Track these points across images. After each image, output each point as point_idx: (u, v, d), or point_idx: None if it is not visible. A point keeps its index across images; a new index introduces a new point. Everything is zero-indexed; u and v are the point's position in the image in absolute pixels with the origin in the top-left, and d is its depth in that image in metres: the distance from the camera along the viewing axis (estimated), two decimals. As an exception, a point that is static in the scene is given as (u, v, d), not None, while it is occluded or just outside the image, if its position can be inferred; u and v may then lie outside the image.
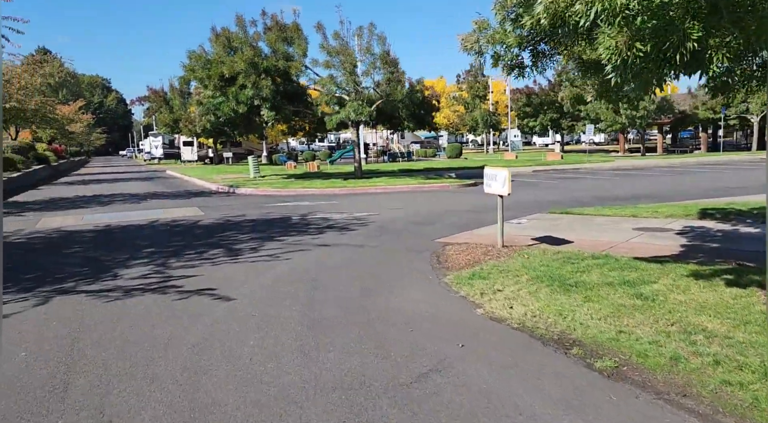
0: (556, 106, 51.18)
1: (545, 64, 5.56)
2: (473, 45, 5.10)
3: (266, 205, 15.52)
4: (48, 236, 11.01)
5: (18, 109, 27.83)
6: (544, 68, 5.56)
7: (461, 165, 31.53)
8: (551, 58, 5.60)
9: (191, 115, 42.27)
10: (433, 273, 7.10)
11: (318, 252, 8.68)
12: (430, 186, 19.47)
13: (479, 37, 5.06)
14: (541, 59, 5.50)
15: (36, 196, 20.69)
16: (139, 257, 8.63)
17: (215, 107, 20.15)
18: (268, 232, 10.66)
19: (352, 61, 18.71)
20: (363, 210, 13.66)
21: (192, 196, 19.33)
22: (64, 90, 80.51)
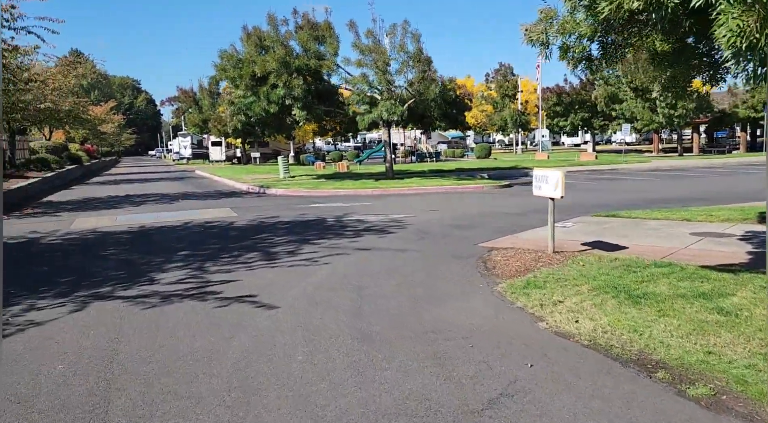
0: (588, 106, 50.14)
1: (615, 57, 5.12)
2: (539, 36, 4.68)
3: (299, 206, 15.27)
4: (83, 237, 10.91)
5: (52, 110, 28.20)
6: (614, 61, 5.12)
7: (492, 165, 30.94)
8: (621, 50, 5.16)
9: (221, 115, 42.48)
10: (483, 281, 6.70)
11: (358, 256, 8.34)
12: (464, 187, 19.01)
13: (546, 27, 4.64)
14: (611, 52, 5.05)
15: (69, 196, 20.84)
16: (175, 260, 8.41)
17: (246, 107, 20.01)
18: (303, 235, 10.37)
19: (384, 59, 18.36)
20: (398, 212, 13.30)
21: (223, 196, 19.21)
22: (96, 91, 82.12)
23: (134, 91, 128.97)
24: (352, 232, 10.60)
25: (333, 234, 10.40)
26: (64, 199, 19.58)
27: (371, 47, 18.58)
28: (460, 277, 6.95)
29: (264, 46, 19.70)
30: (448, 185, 19.19)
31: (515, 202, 14.88)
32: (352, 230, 10.79)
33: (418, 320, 5.30)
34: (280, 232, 10.79)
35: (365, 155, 46.42)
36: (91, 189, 24.81)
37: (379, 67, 18.36)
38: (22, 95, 18.87)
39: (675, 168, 28.02)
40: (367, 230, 10.75)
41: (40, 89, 26.00)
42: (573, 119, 50.34)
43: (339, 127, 22.39)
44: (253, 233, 10.79)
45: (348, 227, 11.19)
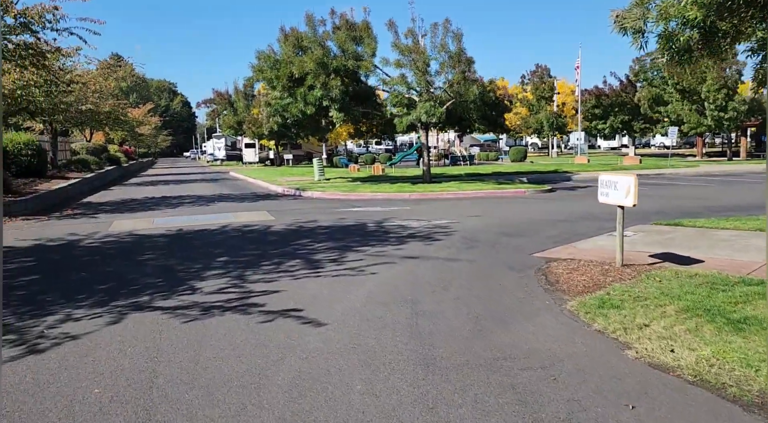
0: (628, 108, 48.63)
1: (719, 48, 4.48)
2: (634, 23, 4.09)
3: (337, 210, 14.84)
4: (120, 240, 10.67)
5: (93, 112, 28.54)
6: (719, 53, 4.49)
7: (529, 169, 30.07)
8: (725, 40, 4.52)
9: (255, 117, 42.57)
10: (548, 297, 6.10)
11: (406, 266, 7.83)
12: (504, 192, 18.33)
13: (644, 12, 4.05)
14: (715, 41, 4.42)
15: (108, 197, 20.89)
16: (214, 267, 8.03)
17: (283, 108, 19.72)
18: (345, 241, 9.91)
19: (424, 59, 17.82)
20: (441, 217, 12.74)
21: (259, 199, 18.95)
22: (134, 94, 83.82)
23: (170, 94, 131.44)
24: (396, 238, 10.09)
25: (376, 240, 9.91)
26: (103, 200, 19.61)
27: (411, 47, 18.06)
28: (522, 292, 6.36)
29: (302, 46, 19.38)
30: (487, 190, 18.53)
31: (561, 208, 14.16)
32: (396, 237, 10.28)
33: (485, 344, 4.74)
34: (321, 238, 10.34)
35: (398, 158, 45.90)
36: (129, 190, 24.93)
37: (419, 68, 17.82)
38: (65, 97, 18.95)
39: (727, 173, 26.70)
40: (411, 237, 10.22)
41: (82, 91, 26.32)
42: (612, 122, 48.87)
43: (375, 129, 21.84)
44: (293, 238, 10.38)
45: (391, 233, 10.68)
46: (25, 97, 16.39)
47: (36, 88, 16.19)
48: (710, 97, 28.65)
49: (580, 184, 22.08)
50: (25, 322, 5.59)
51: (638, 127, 48.57)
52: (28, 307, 6.09)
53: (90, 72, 27.96)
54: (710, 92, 28.61)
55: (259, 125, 42.19)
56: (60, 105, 19.28)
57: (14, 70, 14.80)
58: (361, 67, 18.97)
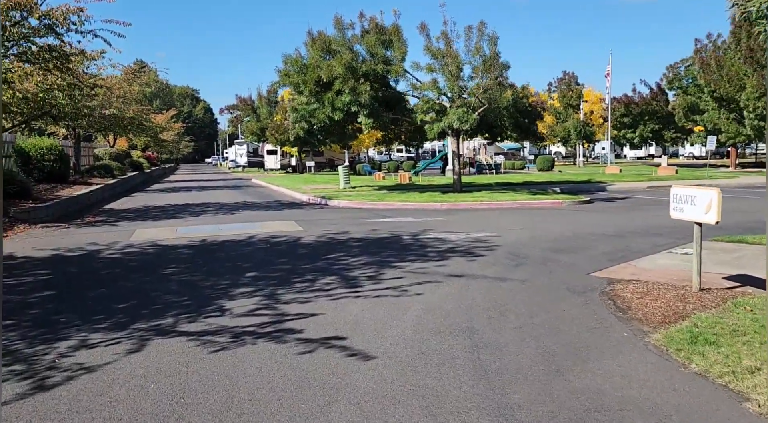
0: (658, 117, 47.38)
1: None
2: (763, 4, 3.35)
3: (367, 220, 14.17)
4: (143, 251, 10.12)
5: (117, 117, 28.39)
6: None
7: (561, 179, 29.14)
8: None
9: (278, 123, 42.27)
10: (624, 327, 5.33)
11: (452, 286, 7.10)
12: (540, 202, 17.50)
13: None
14: None
15: (130, 204, 20.53)
16: (243, 284, 7.40)
17: (309, 114, 19.17)
18: (381, 256, 9.22)
19: (458, 63, 17.13)
20: (479, 229, 11.99)
21: (284, 207, 18.38)
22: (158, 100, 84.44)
23: (193, 100, 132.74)
24: (436, 253, 9.37)
25: (414, 255, 9.20)
26: (125, 207, 19.23)
27: (444, 51, 17.39)
28: (592, 320, 5.60)
29: (330, 50, 18.84)
30: (522, 200, 17.72)
31: (605, 221, 13.32)
32: (435, 251, 9.56)
33: (567, 388, 4.00)
34: (354, 252, 9.67)
35: (422, 166, 45.14)
36: (151, 197, 24.59)
37: (452, 72, 17.14)
38: (88, 101, 18.64)
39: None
40: (452, 252, 9.50)
41: (106, 96, 26.15)
42: (642, 131, 47.63)
43: (404, 135, 21.17)
44: (325, 252, 9.72)
45: (429, 247, 9.96)
46: (48, 100, 16.06)
47: (59, 92, 15.85)
48: (750, 105, 27.48)
49: (617, 195, 21.14)
50: (36, 348, 4.99)
51: (669, 136, 47.26)
52: (40, 330, 5.50)
53: (114, 77, 27.84)
54: (750, 100, 27.45)
55: (282, 132, 41.92)
56: (83, 109, 18.96)
57: (37, 73, 14.44)
58: (390, 71, 18.36)
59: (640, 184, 24.91)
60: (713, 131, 32.08)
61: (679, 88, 35.27)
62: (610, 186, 24.35)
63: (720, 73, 28.87)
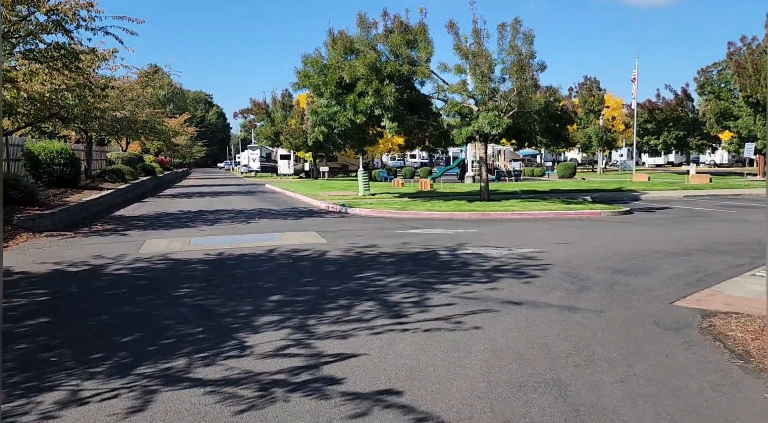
0: (683, 123, 45.94)
1: None
2: None
3: (395, 231, 13.09)
4: (152, 267, 9.11)
5: (129, 120, 27.62)
6: None
7: (588, 187, 27.91)
8: None
9: (293, 128, 41.42)
10: (759, 385, 4.20)
11: (514, 317, 6.00)
12: (577, 213, 16.32)
13: None
14: None
15: (141, 210, 19.62)
16: (266, 310, 6.34)
17: (330, 117, 18.17)
18: (420, 275, 8.13)
19: (489, 63, 16.05)
20: (521, 244, 10.86)
21: (302, 215, 17.36)
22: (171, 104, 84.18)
23: (206, 105, 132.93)
24: (481, 273, 8.26)
25: (457, 275, 8.10)
26: (136, 214, 18.31)
27: (474, 51, 16.31)
28: (709, 371, 4.47)
29: (353, 49, 17.84)
30: (556, 210, 16.55)
31: (658, 235, 12.14)
32: (480, 270, 8.45)
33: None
34: (389, 270, 8.58)
35: (439, 172, 44.06)
36: (164, 202, 23.70)
37: (483, 73, 16.05)
38: (99, 102, 17.74)
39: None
40: (499, 271, 8.39)
41: (118, 98, 25.37)
42: (666, 137, 46.19)
43: (427, 140, 20.10)
44: (355, 269, 8.65)
45: (471, 265, 8.86)
46: (56, 101, 15.17)
47: (68, 92, 14.96)
48: (790, 111, 26.11)
49: (654, 205, 19.90)
50: (14, 403, 3.95)
51: (694, 143, 45.81)
52: (23, 375, 4.47)
53: (127, 79, 27.11)
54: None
55: (297, 136, 41.07)
56: (94, 111, 18.04)
57: (43, 72, 13.54)
58: (416, 72, 17.30)
59: (675, 194, 23.63)
60: (747, 138, 30.71)
61: (710, 92, 33.88)
62: (644, 195, 23.10)
63: (757, 76, 27.53)
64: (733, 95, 32.59)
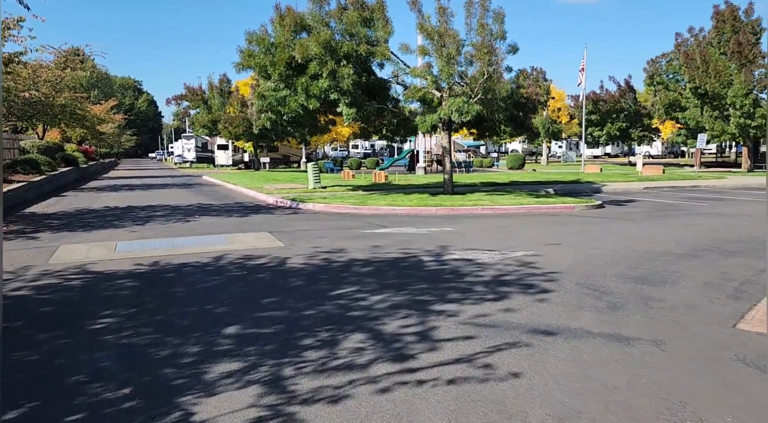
0: (625, 115, 46.60)
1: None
2: None
3: (360, 231, 11.48)
4: (64, 284, 7.12)
5: (44, 104, 24.50)
6: None
7: (547, 179, 27.25)
8: None
9: (232, 116, 38.81)
10: None
11: (556, 356, 4.58)
12: (550, 207, 15.25)
13: None
14: None
15: (58, 206, 17.06)
16: (222, 352, 4.63)
17: (278, 102, 16.27)
18: (410, 291, 6.59)
19: (456, 44, 14.62)
20: (510, 246, 9.53)
21: (249, 211, 15.43)
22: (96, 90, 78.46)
23: (135, 92, 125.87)
24: (482, 286, 6.82)
25: (455, 290, 6.62)
26: (51, 211, 15.81)
27: (440, 30, 14.84)
28: None
29: (304, 25, 15.98)
30: (528, 204, 15.42)
31: (650, 233, 11.14)
32: (479, 282, 7.00)
33: None
34: (370, 284, 6.99)
35: (388, 163, 42.70)
36: (86, 197, 21.02)
37: (450, 55, 14.63)
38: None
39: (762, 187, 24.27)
40: (502, 283, 6.97)
41: (30, 79, 22.33)
42: (609, 129, 46.71)
43: (385, 128, 18.53)
44: (328, 283, 7.00)
45: (467, 276, 7.40)
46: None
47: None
48: (737, 102, 26.33)
49: (618, 197, 19.21)
50: None
51: (636, 135, 46.55)
52: None
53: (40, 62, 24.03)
54: (737, 97, 26.31)
55: (237, 125, 38.51)
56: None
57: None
58: (375, 53, 15.67)
59: (634, 185, 23.21)
60: (695, 129, 31.01)
61: (659, 83, 34.12)
62: (604, 187, 22.53)
63: (705, 68, 27.66)
64: (680, 86, 32.90)
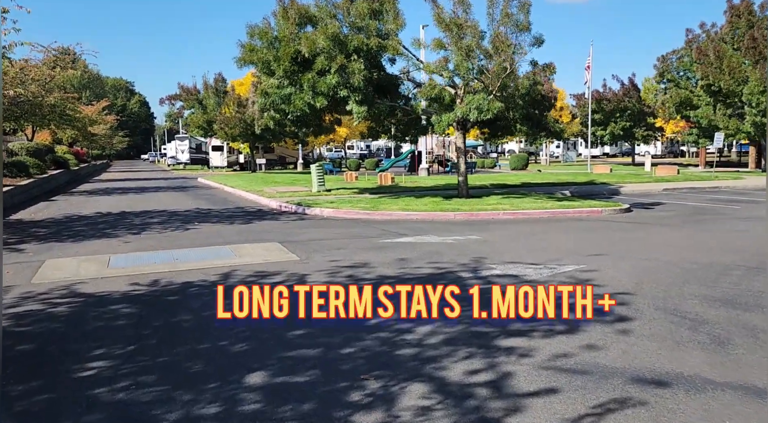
0: (629, 114, 45.74)
1: None
2: None
3: (379, 240, 10.41)
4: (48, 312, 6.02)
5: (32, 104, 23.29)
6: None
7: (559, 180, 26.26)
8: None
9: (227, 116, 37.64)
10: None
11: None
12: (575, 211, 14.25)
13: None
14: None
15: (47, 212, 15.90)
16: (252, 417, 3.56)
17: (282, 100, 15.18)
18: (463, 321, 5.54)
19: (477, 36, 13.58)
20: (553, 258, 8.49)
21: (252, 217, 14.32)
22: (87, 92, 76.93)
23: (127, 93, 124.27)
24: (546, 312, 5.76)
25: (516, 319, 5.57)
26: (39, 218, 14.66)
27: (460, 21, 13.79)
28: None
29: (309, 17, 14.89)
30: (551, 208, 14.40)
31: (697, 241, 10.14)
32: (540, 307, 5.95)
33: None
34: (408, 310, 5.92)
35: (388, 164, 41.68)
36: (77, 201, 19.85)
37: (471, 49, 13.59)
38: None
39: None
40: (567, 308, 5.92)
41: (18, 77, 21.16)
42: (613, 128, 45.82)
43: (394, 128, 17.46)
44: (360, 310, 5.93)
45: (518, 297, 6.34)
46: None
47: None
48: (753, 100, 25.45)
49: (641, 199, 18.24)
50: None
51: (640, 134, 45.70)
52: None
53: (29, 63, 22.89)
54: (753, 95, 25.43)
55: (234, 125, 37.36)
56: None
57: None
58: (387, 48, 14.62)
59: (651, 187, 22.25)
60: (708, 128, 30.12)
61: (670, 80, 33.27)
62: (622, 189, 21.57)
63: (719, 64, 26.76)
64: (691, 84, 32.04)
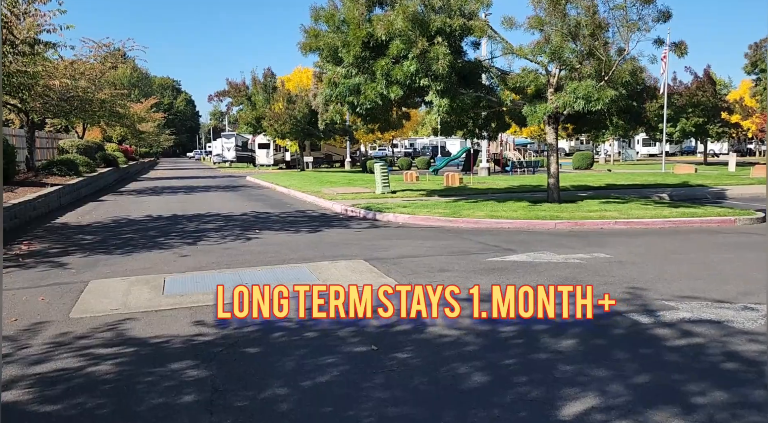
0: (702, 109, 42.34)
1: None
2: None
3: (484, 258, 8.48)
4: (86, 374, 4.36)
5: (83, 99, 22.32)
6: None
7: (643, 182, 23.74)
8: None
9: (277, 113, 36.36)
10: None
11: None
12: (703, 220, 12.00)
13: None
14: None
15: (95, 216, 14.62)
16: None
17: (350, 91, 13.42)
18: (696, 407, 3.58)
19: (592, 9, 11.48)
20: (738, 292, 6.39)
21: (319, 224, 12.60)
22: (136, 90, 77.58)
23: (174, 92, 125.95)
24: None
25: (752, 406, 3.58)
26: (86, 222, 13.35)
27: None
28: None
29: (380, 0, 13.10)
30: (672, 217, 12.12)
31: None
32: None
33: None
34: (601, 382, 3.99)
35: (441, 163, 39.51)
36: (125, 202, 18.64)
37: (580, 25, 11.52)
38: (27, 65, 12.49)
39: None
40: None
41: (66, 70, 20.14)
42: (684, 125, 42.47)
43: (472, 122, 15.43)
44: (527, 380, 4.03)
45: (753, 366, 4.33)
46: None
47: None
48: None
49: (759, 204, 15.72)
50: None
51: (714, 131, 42.26)
52: None
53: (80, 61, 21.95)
54: None
55: (283, 121, 36.07)
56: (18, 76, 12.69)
57: None
58: (473, 29, 12.65)
59: (757, 190, 19.58)
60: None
61: (763, 70, 30.23)
62: (726, 191, 19.00)
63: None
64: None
